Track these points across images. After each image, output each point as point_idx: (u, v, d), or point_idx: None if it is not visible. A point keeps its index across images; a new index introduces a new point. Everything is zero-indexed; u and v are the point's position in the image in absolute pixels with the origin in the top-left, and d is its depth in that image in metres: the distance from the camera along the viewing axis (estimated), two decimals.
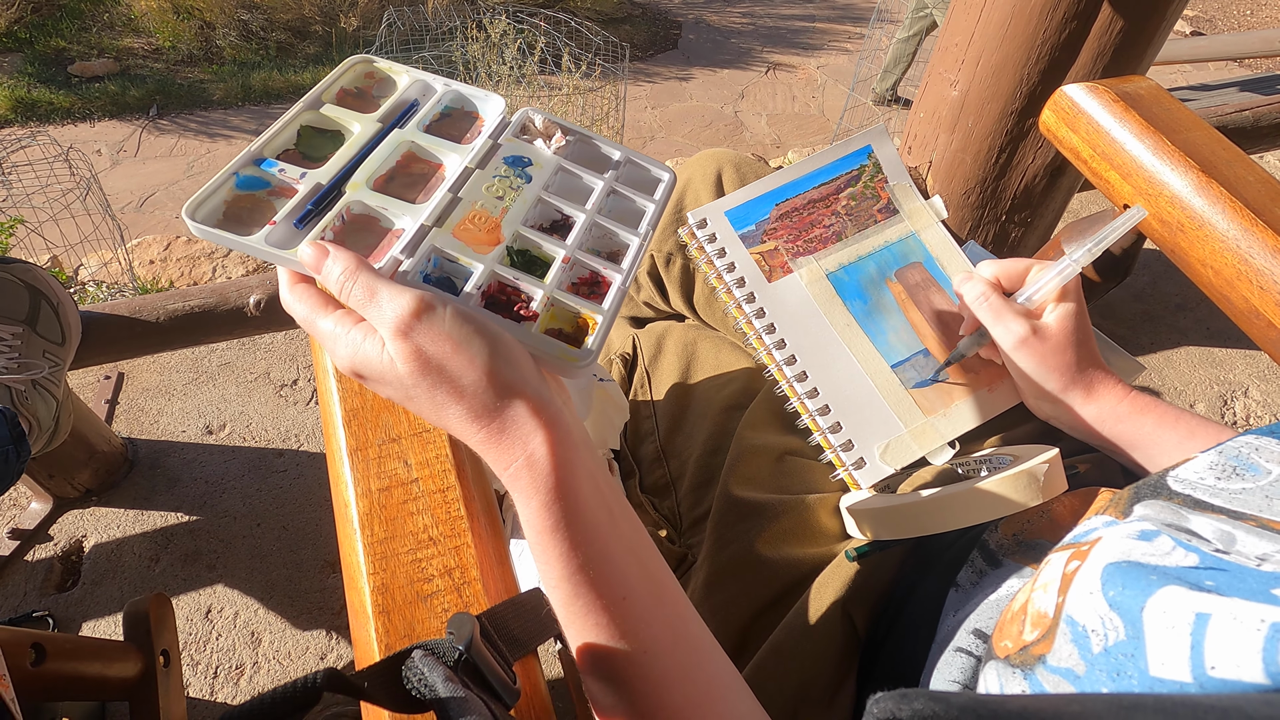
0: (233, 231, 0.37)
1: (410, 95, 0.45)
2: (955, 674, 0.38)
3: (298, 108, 0.42)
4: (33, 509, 1.01)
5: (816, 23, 4.49)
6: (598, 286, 0.40)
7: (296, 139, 0.42)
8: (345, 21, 3.71)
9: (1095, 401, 0.50)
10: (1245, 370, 1.33)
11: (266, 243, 0.36)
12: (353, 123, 0.43)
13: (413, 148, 0.43)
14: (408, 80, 0.45)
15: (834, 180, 0.63)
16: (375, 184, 0.40)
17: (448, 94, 0.46)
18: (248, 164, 0.40)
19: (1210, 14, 4.75)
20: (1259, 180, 0.54)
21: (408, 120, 0.43)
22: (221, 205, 0.38)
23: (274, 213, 0.38)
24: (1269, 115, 1.17)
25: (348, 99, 0.45)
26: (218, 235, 0.36)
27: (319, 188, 0.39)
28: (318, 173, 0.40)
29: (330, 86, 0.44)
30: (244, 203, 0.39)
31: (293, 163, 0.40)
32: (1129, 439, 0.49)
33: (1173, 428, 0.47)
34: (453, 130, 0.45)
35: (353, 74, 0.45)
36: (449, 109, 0.46)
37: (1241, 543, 0.29)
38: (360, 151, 0.41)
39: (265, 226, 0.37)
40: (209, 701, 0.88)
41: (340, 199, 0.39)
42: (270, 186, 0.40)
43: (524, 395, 0.32)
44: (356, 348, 0.33)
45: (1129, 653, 0.26)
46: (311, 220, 0.38)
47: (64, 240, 1.66)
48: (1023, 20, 0.72)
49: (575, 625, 0.32)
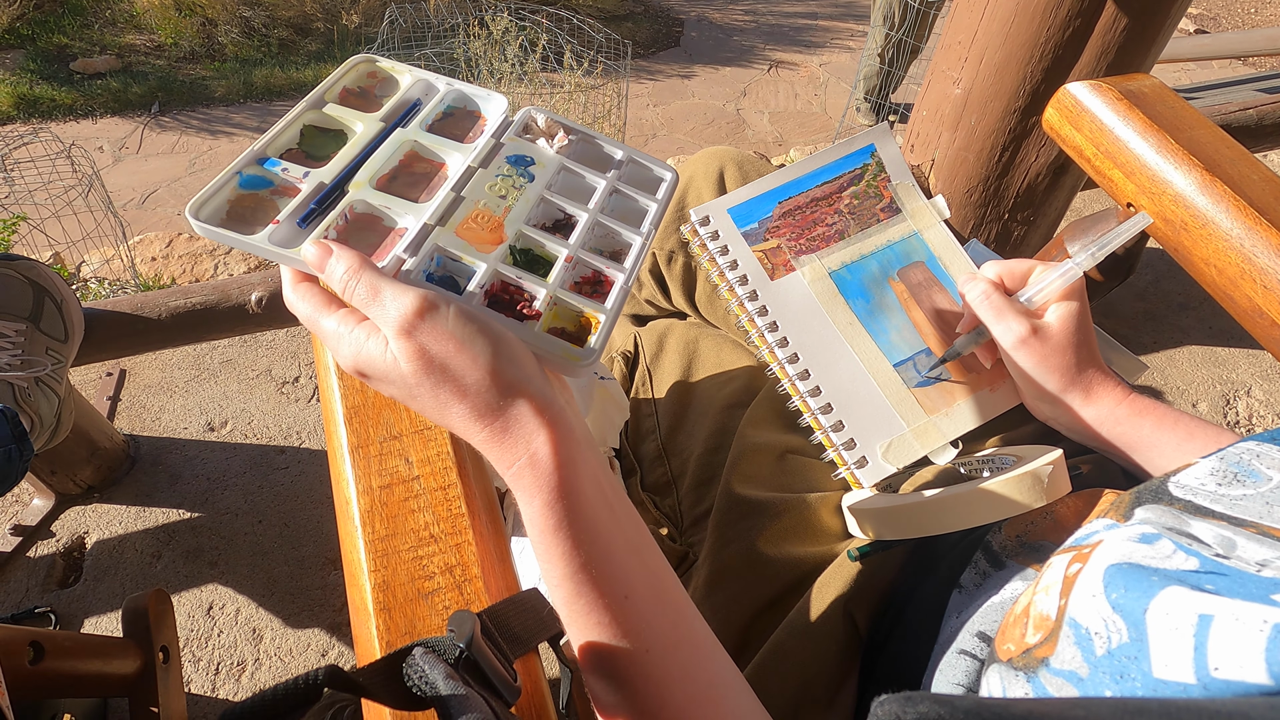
0: (236, 230, 0.37)
1: (413, 95, 0.45)
2: (958, 676, 0.38)
3: (301, 107, 0.42)
4: (35, 505, 1.02)
5: (819, 20, 4.48)
6: (600, 285, 0.40)
7: (299, 138, 0.42)
8: (347, 19, 3.71)
9: (1094, 403, 0.50)
10: (1248, 370, 1.33)
11: (270, 242, 0.36)
12: (355, 122, 0.43)
13: (415, 147, 0.43)
14: (410, 79, 0.45)
15: (837, 179, 0.63)
16: (378, 183, 0.40)
17: (450, 93, 0.46)
18: (251, 163, 0.40)
19: (1214, 12, 4.73)
20: (1263, 179, 0.54)
21: (410, 119, 0.43)
22: (225, 204, 0.38)
23: (277, 212, 0.38)
24: (1273, 113, 1.17)
25: (350, 98, 0.45)
26: (222, 234, 0.36)
27: (322, 187, 0.39)
28: (321, 172, 0.40)
29: (333, 86, 0.44)
30: (247, 202, 0.39)
31: (296, 162, 0.40)
32: (1128, 441, 0.49)
33: (1171, 430, 0.47)
34: (455, 129, 0.45)
35: (355, 73, 0.45)
36: (451, 108, 0.46)
37: (1242, 549, 0.29)
38: (363, 151, 0.41)
39: (269, 225, 0.37)
40: (210, 698, 0.88)
41: (343, 198, 0.39)
42: (273, 186, 0.40)
43: (527, 394, 0.32)
44: (360, 346, 0.33)
45: (1132, 655, 0.25)
46: (315, 219, 0.38)
47: (66, 237, 1.66)
48: (1026, 18, 0.72)
49: (577, 624, 0.32)
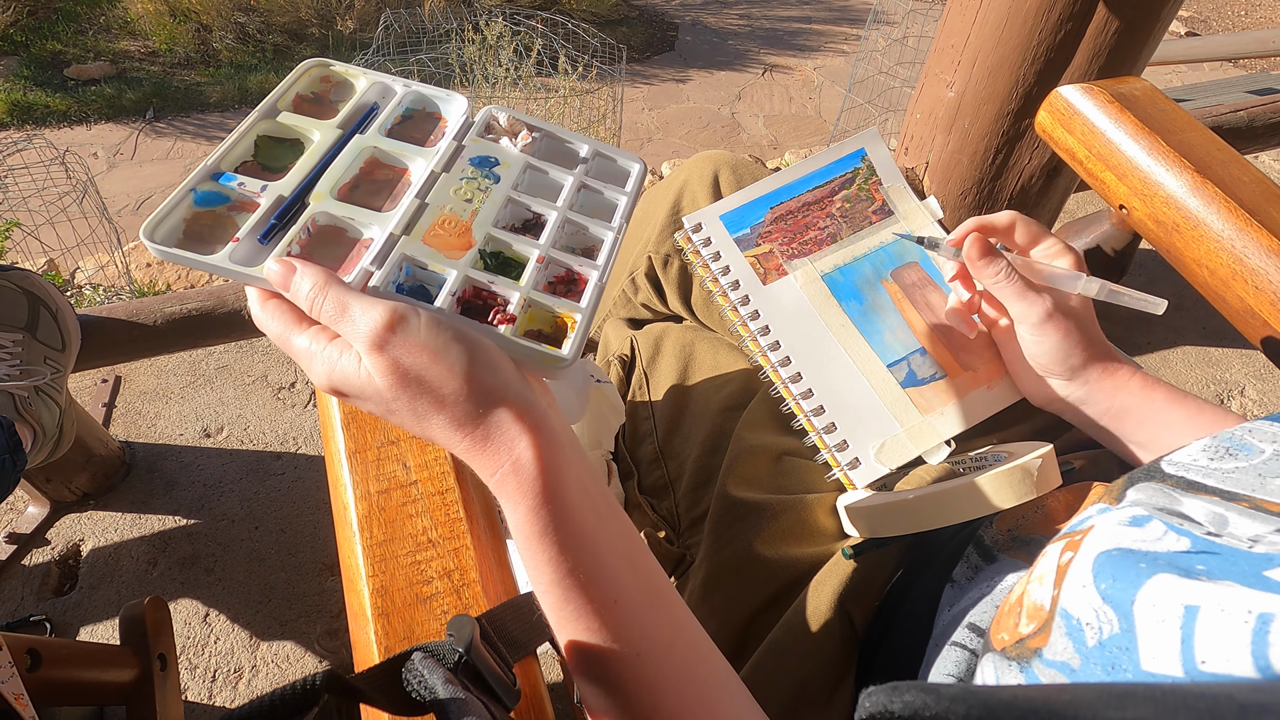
0: (194, 250, 0.35)
1: (369, 98, 0.44)
2: (952, 668, 0.38)
3: (253, 117, 0.40)
4: (30, 513, 1.01)
5: (813, 24, 4.49)
6: (574, 284, 0.39)
7: (254, 150, 0.41)
8: (342, 24, 3.71)
9: (1112, 375, 0.50)
10: (1241, 369, 1.34)
11: (231, 261, 0.35)
12: (312, 130, 0.41)
13: (376, 153, 0.41)
14: (365, 83, 0.44)
15: (828, 183, 0.64)
16: (339, 193, 0.39)
17: (408, 95, 0.44)
18: (205, 179, 0.38)
19: (1205, 15, 4.76)
20: (1254, 180, 0.54)
21: (368, 125, 0.42)
22: (181, 224, 0.36)
23: (236, 229, 0.36)
24: (1264, 116, 1.18)
25: (304, 105, 0.43)
26: (179, 255, 0.35)
27: (281, 200, 0.38)
28: (279, 184, 0.38)
29: (285, 93, 0.42)
30: (204, 220, 0.37)
31: (252, 175, 0.39)
32: (1140, 415, 0.49)
33: (1181, 404, 0.47)
34: (415, 133, 0.43)
35: (308, 79, 0.44)
36: (410, 111, 0.44)
37: (1234, 524, 0.29)
38: (322, 160, 0.40)
39: (228, 244, 0.35)
40: (208, 705, 0.88)
41: (305, 211, 0.37)
42: (230, 201, 0.38)
43: (506, 400, 0.32)
44: (334, 364, 0.32)
45: (1123, 646, 0.26)
46: (276, 235, 0.36)
47: (61, 243, 1.66)
48: (1018, 21, 0.73)
49: (567, 629, 0.32)
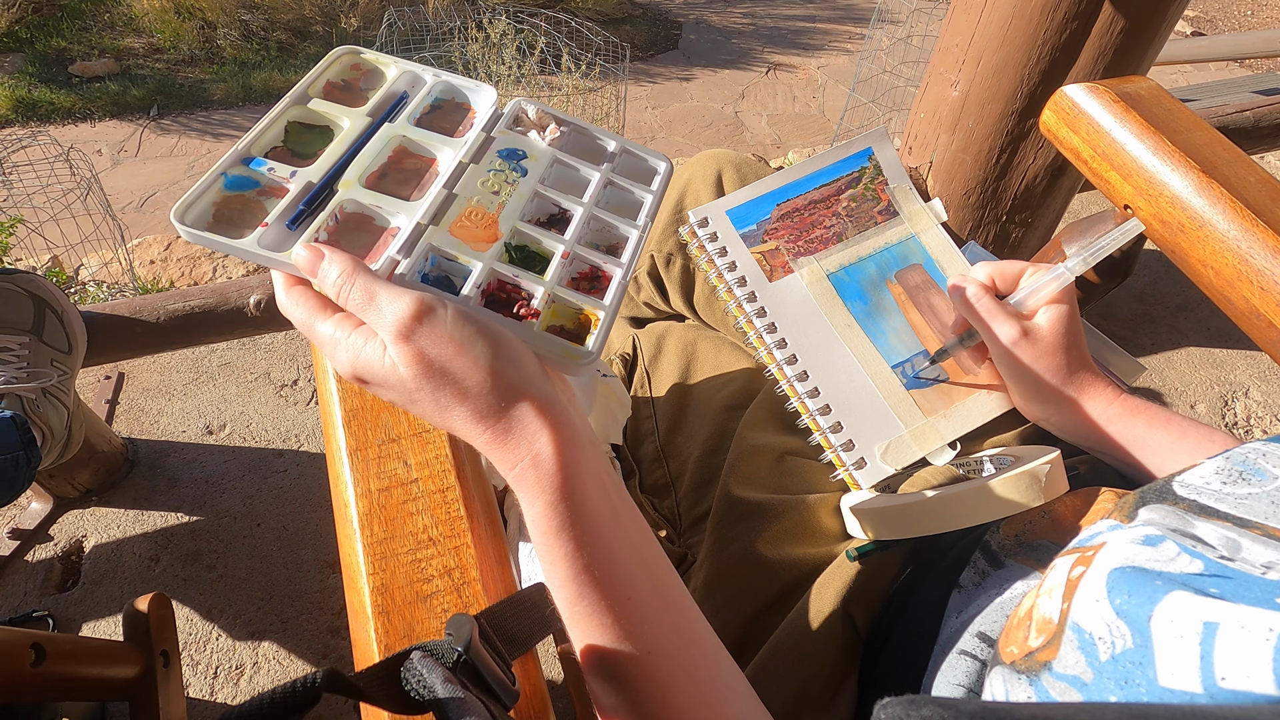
0: (223, 234, 0.35)
1: (399, 87, 0.44)
2: (959, 677, 0.38)
3: (284, 103, 0.41)
4: (33, 509, 1.02)
5: (818, 23, 4.48)
6: (598, 281, 0.39)
7: (284, 135, 0.41)
8: (346, 21, 3.71)
9: (1086, 404, 0.50)
10: (1246, 371, 1.33)
11: (259, 245, 0.35)
12: (342, 117, 0.41)
13: (404, 142, 0.41)
14: (396, 71, 0.44)
15: (835, 181, 0.63)
16: (368, 181, 0.39)
17: (438, 85, 0.44)
18: (235, 163, 0.38)
19: (1211, 14, 4.74)
20: (1259, 181, 0.54)
21: (398, 113, 0.42)
22: (210, 207, 0.37)
23: (265, 214, 0.36)
24: (1269, 116, 1.17)
25: (335, 92, 0.43)
26: (208, 239, 0.35)
27: (310, 186, 0.38)
28: (308, 171, 0.38)
29: (316, 80, 0.42)
30: (234, 204, 0.38)
31: (282, 161, 0.39)
32: (1121, 441, 0.49)
33: (1164, 429, 0.47)
34: (444, 123, 0.43)
35: (339, 66, 0.44)
36: (439, 100, 0.44)
37: (1247, 550, 0.28)
38: (351, 147, 0.40)
39: (257, 228, 0.35)
40: (209, 701, 0.88)
41: (333, 198, 0.38)
42: (260, 186, 0.38)
43: (529, 395, 0.32)
44: (358, 352, 0.32)
45: (1137, 661, 0.25)
46: (304, 221, 0.37)
47: (64, 240, 1.66)
48: (1023, 20, 0.72)
49: (580, 625, 0.32)
